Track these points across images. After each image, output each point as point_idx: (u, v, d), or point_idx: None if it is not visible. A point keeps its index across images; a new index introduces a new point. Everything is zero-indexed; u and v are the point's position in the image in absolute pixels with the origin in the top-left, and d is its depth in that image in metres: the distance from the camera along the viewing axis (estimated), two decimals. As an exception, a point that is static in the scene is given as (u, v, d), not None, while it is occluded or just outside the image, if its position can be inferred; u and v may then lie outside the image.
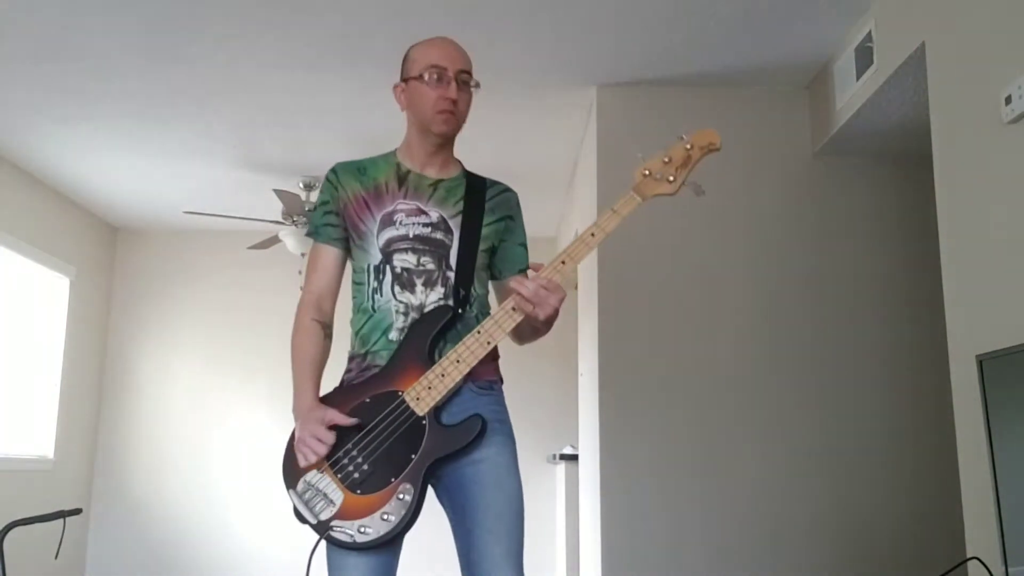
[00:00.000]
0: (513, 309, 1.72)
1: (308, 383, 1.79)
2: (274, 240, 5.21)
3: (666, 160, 1.79)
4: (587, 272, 4.19)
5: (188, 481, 5.89)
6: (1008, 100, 2.23)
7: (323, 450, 1.68)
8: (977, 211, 2.43)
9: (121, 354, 6.09)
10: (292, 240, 5.07)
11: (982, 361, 2.00)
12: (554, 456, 5.42)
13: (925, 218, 2.90)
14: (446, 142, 1.89)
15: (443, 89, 1.81)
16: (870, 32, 3.13)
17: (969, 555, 2.27)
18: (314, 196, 5.17)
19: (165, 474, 5.90)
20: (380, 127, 4.37)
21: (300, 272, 5.43)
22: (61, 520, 2.63)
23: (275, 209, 5.06)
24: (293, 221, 5.04)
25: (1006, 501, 1.91)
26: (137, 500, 5.88)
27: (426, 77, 1.83)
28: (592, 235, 1.75)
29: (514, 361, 7.33)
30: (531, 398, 6.01)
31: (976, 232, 2.43)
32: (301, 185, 5.08)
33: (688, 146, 1.80)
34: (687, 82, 3.76)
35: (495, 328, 1.72)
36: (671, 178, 1.79)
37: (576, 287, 4.76)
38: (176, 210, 5.57)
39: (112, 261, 6.18)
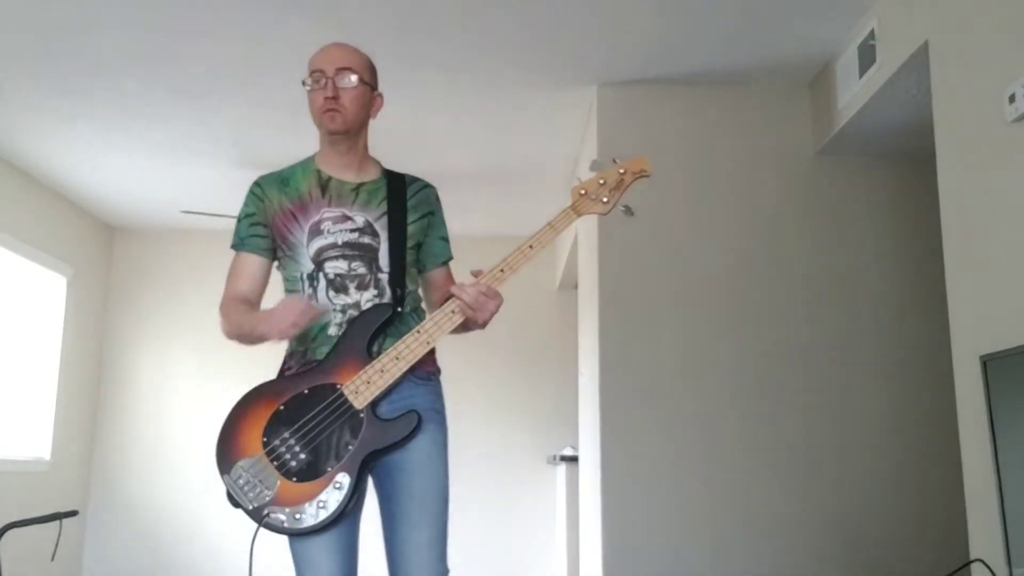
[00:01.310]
0: (453, 312, 1.81)
1: (260, 312, 1.90)
2: (272, 240, 5.19)
3: (601, 182, 1.92)
4: (587, 272, 4.18)
5: (185, 482, 5.86)
6: (1012, 99, 2.22)
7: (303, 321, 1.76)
8: (981, 210, 2.42)
9: (118, 354, 6.07)
10: (290, 240, 5.05)
11: (986, 361, 2.00)
12: (554, 457, 5.41)
13: (928, 217, 2.89)
14: (352, 142, 1.93)
15: (323, 90, 1.87)
16: (873, 30, 3.12)
17: (972, 557, 2.26)
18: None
19: (162, 476, 5.88)
20: (379, 126, 4.35)
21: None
22: (57, 522, 2.62)
23: (273, 209, 5.04)
24: (291, 221, 5.02)
25: (1010, 503, 1.90)
26: (134, 502, 5.86)
27: (308, 83, 1.90)
28: (530, 247, 1.85)
29: (514, 362, 7.28)
30: (531, 398, 6.00)
31: (980, 231, 2.42)
32: (299, 184, 5.06)
33: (621, 171, 1.92)
34: (687, 81, 3.74)
35: (435, 329, 1.81)
36: (604, 199, 1.92)
37: (576, 286, 4.75)
38: (173, 209, 5.56)
39: (109, 260, 6.16)
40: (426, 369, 1.88)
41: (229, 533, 5.81)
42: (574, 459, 4.89)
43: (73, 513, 2.74)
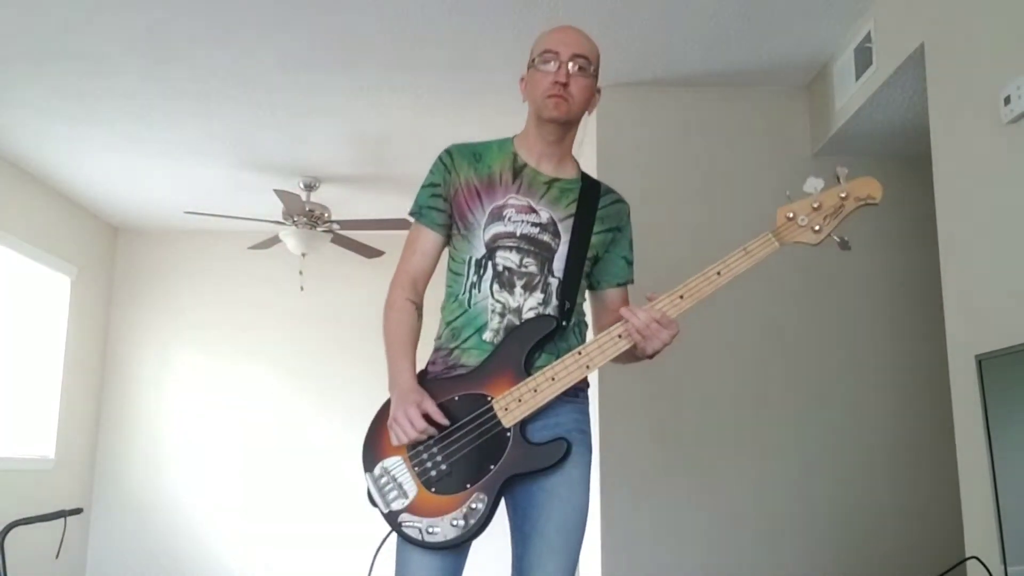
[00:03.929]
0: (619, 336, 1.66)
1: (405, 360, 1.73)
2: (274, 240, 5.21)
3: (815, 206, 1.68)
4: (587, 272, 4.18)
5: (189, 481, 5.89)
6: (1007, 100, 2.23)
7: (413, 435, 1.62)
8: (976, 211, 2.43)
9: (122, 354, 6.09)
10: (292, 240, 5.07)
11: (981, 361, 2.01)
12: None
13: (924, 218, 2.90)
14: (562, 133, 1.81)
15: (554, 73, 1.75)
16: (869, 32, 3.14)
17: (968, 554, 2.27)
18: (315, 196, 5.17)
19: (166, 474, 5.91)
20: (380, 127, 4.37)
21: (300, 272, 5.46)
22: (62, 520, 2.64)
23: (275, 209, 5.07)
24: (293, 221, 5.04)
25: (1005, 500, 1.91)
26: (138, 499, 5.88)
27: (538, 61, 1.78)
28: (718, 274, 1.67)
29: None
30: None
31: (975, 232, 2.44)
32: (301, 185, 5.08)
33: (843, 194, 1.68)
34: (687, 82, 3.76)
35: (597, 353, 1.67)
36: (817, 227, 1.68)
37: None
38: (177, 210, 5.58)
39: (113, 261, 6.19)
40: (575, 385, 1.73)
41: (233, 530, 5.84)
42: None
43: (77, 511, 2.76)
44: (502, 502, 1.71)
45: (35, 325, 5.31)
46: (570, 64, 1.75)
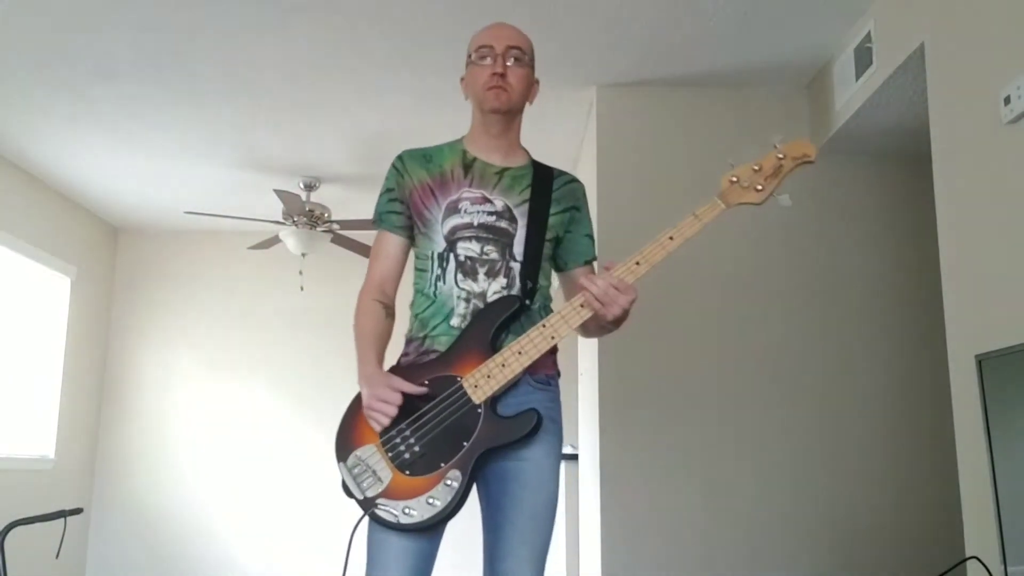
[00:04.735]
0: (581, 306, 1.70)
1: (370, 351, 1.76)
2: (274, 240, 5.21)
3: (756, 168, 1.77)
4: (587, 272, 4.18)
5: (189, 481, 5.89)
6: (1007, 100, 2.23)
7: (392, 412, 1.65)
8: (976, 211, 2.44)
9: (122, 354, 6.10)
10: (292, 240, 5.07)
11: (981, 361, 2.01)
12: (554, 456, 5.41)
13: (924, 218, 2.91)
14: (506, 124, 1.88)
15: (491, 66, 1.83)
16: (869, 32, 3.14)
17: (968, 555, 2.27)
18: (315, 196, 5.17)
19: (166, 474, 5.91)
20: (380, 127, 4.37)
21: (300, 272, 5.46)
22: (62, 520, 2.64)
23: (275, 209, 5.08)
24: (293, 221, 5.04)
25: (1005, 500, 1.91)
26: (138, 500, 5.88)
27: (475, 57, 1.87)
28: (670, 239, 1.73)
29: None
30: (531, 398, 5.99)
31: (975, 232, 2.44)
32: (301, 185, 5.08)
33: (780, 155, 1.76)
34: (687, 82, 3.76)
35: (561, 323, 1.71)
36: (759, 187, 1.76)
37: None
38: (177, 210, 5.58)
39: (113, 261, 6.19)
40: (545, 372, 1.80)
41: (234, 530, 5.84)
42: (574, 457, 4.91)
43: (78, 511, 2.76)
44: (474, 491, 1.72)
45: (35, 325, 5.31)
46: (505, 56, 1.83)
